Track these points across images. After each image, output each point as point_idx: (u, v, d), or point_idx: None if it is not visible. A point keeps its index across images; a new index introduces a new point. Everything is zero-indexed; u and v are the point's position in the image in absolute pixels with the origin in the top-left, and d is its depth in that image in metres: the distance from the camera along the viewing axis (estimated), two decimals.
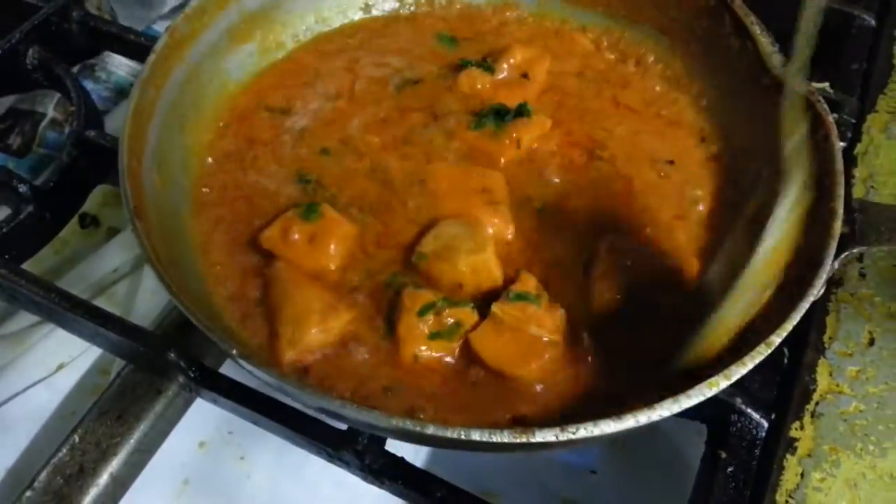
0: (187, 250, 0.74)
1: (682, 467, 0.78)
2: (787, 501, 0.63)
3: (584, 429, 0.54)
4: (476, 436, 0.55)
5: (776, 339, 0.59)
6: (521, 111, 0.83)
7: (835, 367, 0.70)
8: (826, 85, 0.81)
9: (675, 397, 0.56)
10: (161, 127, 0.76)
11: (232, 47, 0.87)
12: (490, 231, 0.74)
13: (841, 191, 0.67)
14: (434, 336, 0.67)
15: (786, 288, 0.64)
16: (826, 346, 0.71)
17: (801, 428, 0.66)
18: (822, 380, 0.69)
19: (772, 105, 0.76)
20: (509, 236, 0.76)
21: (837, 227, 0.65)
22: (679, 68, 0.88)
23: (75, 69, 1.05)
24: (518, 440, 0.54)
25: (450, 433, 0.55)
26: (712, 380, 0.57)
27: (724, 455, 0.66)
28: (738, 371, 0.57)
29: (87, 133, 0.87)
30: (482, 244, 0.71)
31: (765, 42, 0.78)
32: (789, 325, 0.59)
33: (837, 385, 0.69)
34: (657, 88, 0.88)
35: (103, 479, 0.76)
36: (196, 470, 0.89)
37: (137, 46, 0.99)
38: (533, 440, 0.54)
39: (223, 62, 0.86)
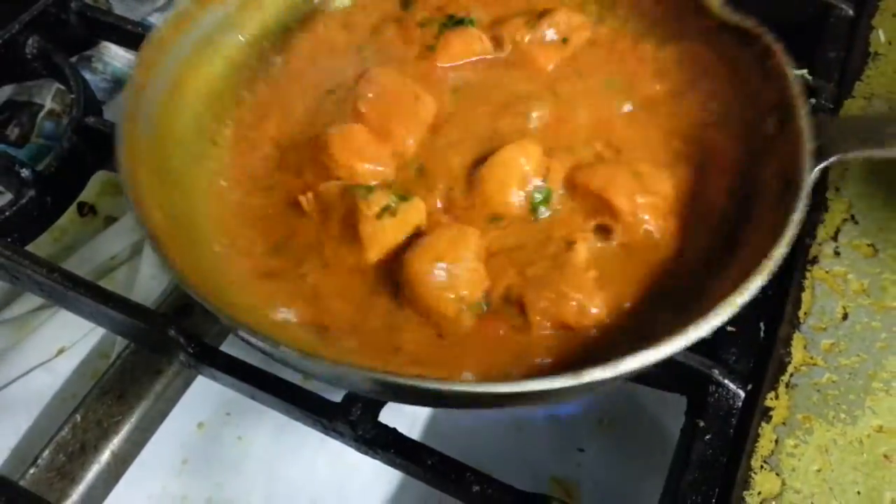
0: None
1: (665, 441, 0.80)
2: (762, 467, 0.65)
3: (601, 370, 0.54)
4: (505, 388, 0.55)
5: (781, 251, 0.59)
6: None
7: (809, 340, 0.72)
8: (805, 71, 0.83)
9: (696, 322, 0.56)
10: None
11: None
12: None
13: (802, 110, 0.68)
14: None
15: (774, 209, 0.66)
16: (801, 320, 0.73)
17: (776, 398, 0.69)
18: (797, 352, 0.71)
19: (713, 45, 0.79)
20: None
21: (806, 140, 0.66)
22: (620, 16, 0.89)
23: (73, 59, 1.07)
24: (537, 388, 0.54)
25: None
26: (730, 298, 0.57)
27: (702, 424, 0.68)
28: (753, 287, 0.58)
29: (87, 119, 0.89)
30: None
31: None
32: (790, 234, 0.60)
33: (812, 357, 0.71)
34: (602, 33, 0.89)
35: (105, 456, 0.78)
36: (195, 450, 0.92)
37: (134, 37, 1.00)
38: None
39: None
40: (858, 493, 0.64)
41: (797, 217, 0.62)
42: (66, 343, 0.96)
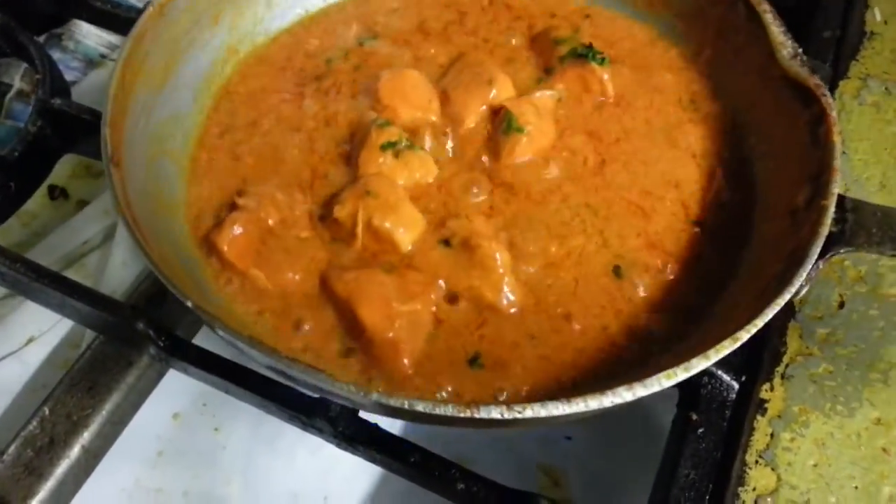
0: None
1: (655, 431, 0.79)
2: (756, 461, 0.64)
3: (532, 409, 0.53)
4: (420, 407, 0.53)
5: (744, 335, 0.56)
6: None
7: (805, 329, 0.71)
8: (800, 51, 0.81)
9: (629, 385, 0.54)
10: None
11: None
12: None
13: (835, 189, 0.64)
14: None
15: (765, 284, 0.63)
16: (797, 309, 0.72)
17: (772, 389, 0.67)
18: (793, 342, 0.70)
19: (778, 96, 0.76)
20: None
21: (826, 225, 0.62)
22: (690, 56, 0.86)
23: (42, 38, 1.03)
24: (461, 415, 0.53)
25: (393, 402, 0.54)
26: (670, 371, 0.55)
27: (694, 417, 0.67)
28: (700, 364, 0.55)
29: (53, 101, 0.86)
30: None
31: (776, 31, 0.76)
32: (760, 322, 0.57)
33: (807, 347, 0.70)
34: (667, 76, 0.86)
35: (74, 450, 0.75)
36: (170, 442, 0.89)
37: (106, 15, 0.97)
38: (477, 416, 0.53)
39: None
40: (856, 487, 0.63)
41: (781, 303, 0.58)
42: (35, 332, 0.93)
